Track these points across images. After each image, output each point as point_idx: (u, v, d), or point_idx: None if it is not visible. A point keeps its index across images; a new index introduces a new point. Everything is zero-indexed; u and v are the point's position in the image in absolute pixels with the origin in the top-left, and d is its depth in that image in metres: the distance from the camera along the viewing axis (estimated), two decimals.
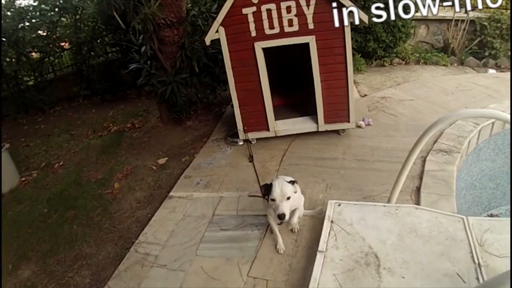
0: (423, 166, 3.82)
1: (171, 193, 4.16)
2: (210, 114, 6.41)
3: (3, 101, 8.82)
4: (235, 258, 3.02)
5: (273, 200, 2.64)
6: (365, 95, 6.13)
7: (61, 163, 5.82)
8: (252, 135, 4.88)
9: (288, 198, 2.62)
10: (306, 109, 4.98)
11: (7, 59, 8.61)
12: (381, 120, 5.11)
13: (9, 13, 8.34)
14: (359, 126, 4.93)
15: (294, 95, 5.58)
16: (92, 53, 9.49)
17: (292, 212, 2.83)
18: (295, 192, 2.75)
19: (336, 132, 4.78)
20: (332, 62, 4.34)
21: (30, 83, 9.41)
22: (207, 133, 5.62)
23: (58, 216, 4.31)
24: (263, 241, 3.14)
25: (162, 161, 5.06)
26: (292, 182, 2.73)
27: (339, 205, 3.15)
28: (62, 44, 9.37)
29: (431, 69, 7.44)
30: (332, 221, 2.94)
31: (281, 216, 2.58)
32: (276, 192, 2.61)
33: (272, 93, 4.67)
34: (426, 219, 2.84)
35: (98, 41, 9.47)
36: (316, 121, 4.67)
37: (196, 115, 6.31)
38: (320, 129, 4.68)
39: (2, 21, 8.02)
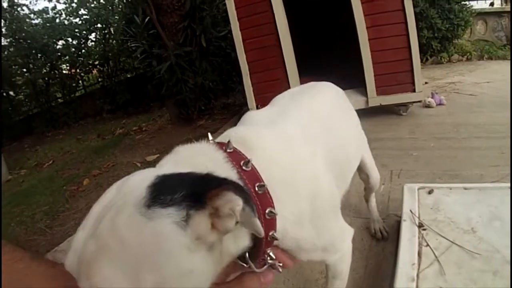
0: None
1: None
2: (228, 112, 4.78)
3: (34, 117, 8.12)
4: None
5: None
6: (426, 82, 4.27)
7: (50, 162, 4.81)
8: None
9: None
10: (350, 80, 3.18)
11: (36, 69, 7.83)
12: (456, 100, 3.27)
13: (37, 21, 7.55)
14: (428, 105, 3.10)
15: (330, 66, 3.70)
16: (120, 68, 8.35)
17: None
18: None
19: (395, 112, 2.98)
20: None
21: (61, 101, 8.51)
22: (216, 129, 4.00)
23: (6, 211, 3.20)
24: None
25: (151, 158, 3.57)
26: None
27: (430, 192, 1.34)
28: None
29: (499, 63, 5.48)
30: (420, 226, 1.15)
31: None
32: None
33: (298, 60, 2.99)
34: None
35: (124, 57, 8.35)
36: (365, 94, 2.90)
37: (211, 113, 4.74)
38: (370, 104, 2.89)
39: (31, 29, 7.29)
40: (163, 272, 0.44)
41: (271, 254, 0.61)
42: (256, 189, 0.58)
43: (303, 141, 0.75)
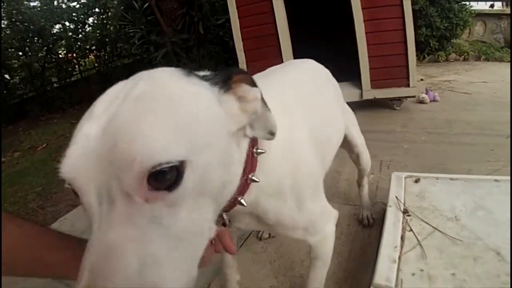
0: None
1: None
2: None
3: (29, 101, 8.01)
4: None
5: None
6: (421, 79, 4.30)
7: (44, 146, 4.82)
8: None
9: None
10: (344, 73, 3.18)
11: (32, 52, 7.74)
12: (450, 98, 3.30)
13: (35, 3, 7.45)
14: (421, 101, 3.13)
15: (326, 58, 3.72)
16: (117, 53, 8.27)
17: None
18: None
19: (389, 106, 3.01)
20: None
21: (56, 85, 8.43)
22: None
23: None
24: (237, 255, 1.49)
25: None
26: None
27: (417, 181, 1.37)
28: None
29: (495, 65, 5.52)
30: (405, 212, 1.17)
31: None
32: None
33: (295, 50, 3.00)
34: None
35: (121, 43, 8.25)
36: (359, 86, 2.92)
37: None
38: (365, 96, 2.91)
39: (29, 11, 7.32)
40: (212, 140, 0.42)
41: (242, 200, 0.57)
42: (254, 150, 0.58)
43: (284, 113, 0.71)
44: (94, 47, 8.23)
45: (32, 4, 8.14)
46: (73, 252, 0.59)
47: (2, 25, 7.76)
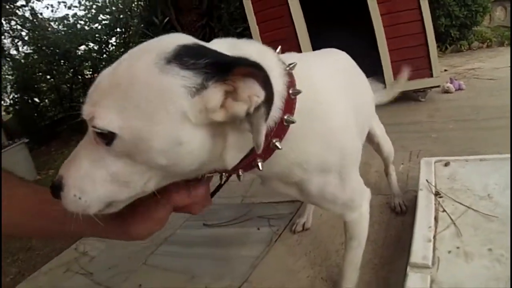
0: None
1: None
2: None
3: (59, 122, 8.28)
4: (205, 277, 1.44)
5: None
6: (445, 70, 4.24)
7: None
8: None
9: None
10: (365, 70, 3.20)
11: (59, 74, 8.10)
12: (476, 85, 3.24)
13: (59, 28, 7.79)
14: (446, 91, 3.09)
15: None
16: None
17: None
18: None
19: (414, 98, 2.99)
20: None
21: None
22: None
23: None
24: (273, 249, 1.53)
25: None
26: None
27: (446, 164, 1.38)
28: None
29: None
30: (437, 194, 1.19)
31: None
32: None
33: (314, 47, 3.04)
34: None
35: None
36: (382, 80, 2.93)
37: None
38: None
39: (54, 35, 7.52)
40: (153, 128, 0.47)
41: (259, 163, 0.59)
42: (290, 91, 0.57)
43: (333, 87, 0.74)
44: None
45: (56, 28, 8.52)
46: None
47: (29, 50, 8.16)
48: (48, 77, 8.28)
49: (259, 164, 0.59)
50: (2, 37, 7.77)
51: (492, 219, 1.03)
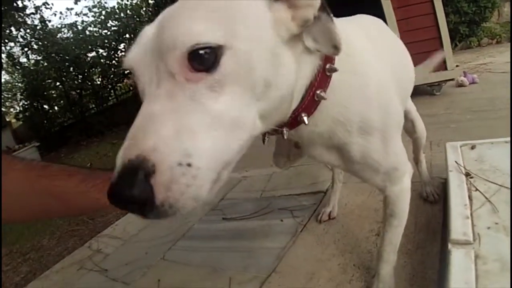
0: None
1: None
2: None
3: (69, 128, 8.53)
4: (229, 270, 1.41)
5: None
6: (457, 65, 4.23)
7: (88, 165, 5.06)
8: None
9: None
10: None
11: (69, 81, 8.15)
12: (489, 78, 3.24)
13: (68, 34, 7.88)
14: (461, 85, 3.10)
15: None
16: None
17: None
18: None
19: (428, 92, 3.00)
20: None
21: (94, 110, 8.83)
22: None
23: None
24: (299, 239, 1.51)
25: None
26: None
27: (473, 147, 1.39)
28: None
29: None
30: (467, 174, 1.19)
31: None
32: None
33: None
34: None
35: None
36: None
37: None
38: None
39: (63, 42, 7.61)
40: (255, 34, 0.45)
41: (304, 118, 0.60)
42: (327, 67, 0.58)
43: (369, 47, 0.73)
44: (127, 71, 8.59)
45: (65, 35, 8.62)
46: (82, 177, 0.64)
47: (39, 57, 8.25)
48: (58, 83, 8.39)
49: (305, 118, 0.60)
50: (12, 44, 7.87)
51: None
